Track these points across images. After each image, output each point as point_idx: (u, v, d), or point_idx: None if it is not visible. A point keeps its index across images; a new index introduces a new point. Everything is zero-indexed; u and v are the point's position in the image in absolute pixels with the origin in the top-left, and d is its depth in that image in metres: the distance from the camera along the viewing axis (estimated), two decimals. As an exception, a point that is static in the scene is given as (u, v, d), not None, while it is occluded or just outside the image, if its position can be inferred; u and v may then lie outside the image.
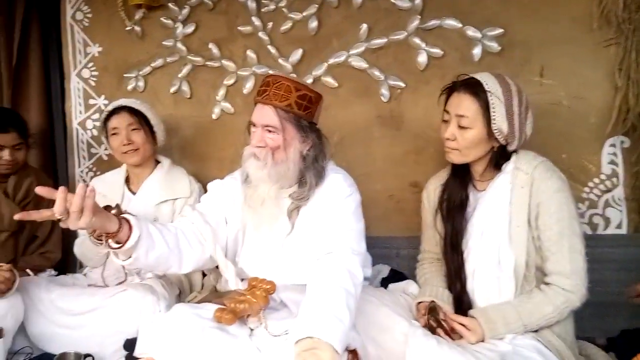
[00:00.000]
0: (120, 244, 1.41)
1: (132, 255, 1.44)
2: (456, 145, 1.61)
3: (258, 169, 1.58)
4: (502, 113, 1.55)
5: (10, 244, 2.23)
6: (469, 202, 1.70)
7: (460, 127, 1.59)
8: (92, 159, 2.62)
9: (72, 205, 1.24)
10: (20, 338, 1.82)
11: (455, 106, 1.60)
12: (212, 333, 1.49)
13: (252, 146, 1.61)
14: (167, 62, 2.47)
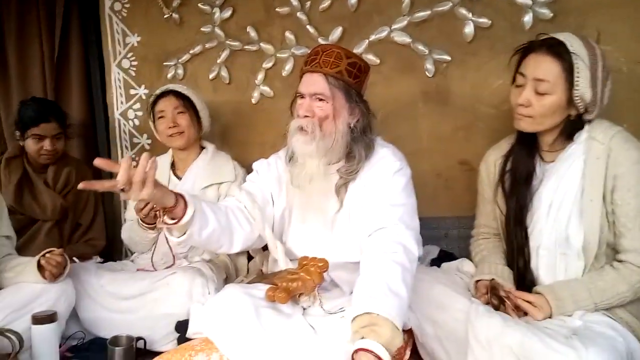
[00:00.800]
0: (175, 220, 1.39)
1: (187, 231, 1.42)
2: (530, 112, 1.50)
3: (306, 144, 1.53)
4: (586, 78, 1.43)
5: (55, 233, 2.27)
6: (536, 174, 1.60)
7: (538, 92, 1.47)
8: (135, 148, 2.63)
9: (136, 175, 1.21)
10: (72, 323, 1.84)
11: (534, 68, 1.48)
12: (265, 312, 1.45)
13: (299, 117, 1.56)
14: (206, 48, 2.46)
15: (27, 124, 2.19)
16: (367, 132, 1.61)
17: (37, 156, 2.21)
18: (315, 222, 1.64)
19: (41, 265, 1.68)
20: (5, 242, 1.82)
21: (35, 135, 2.19)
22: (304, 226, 1.67)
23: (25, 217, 2.21)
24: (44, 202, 2.23)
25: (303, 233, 1.69)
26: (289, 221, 1.73)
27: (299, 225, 1.69)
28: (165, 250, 2.01)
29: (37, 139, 2.19)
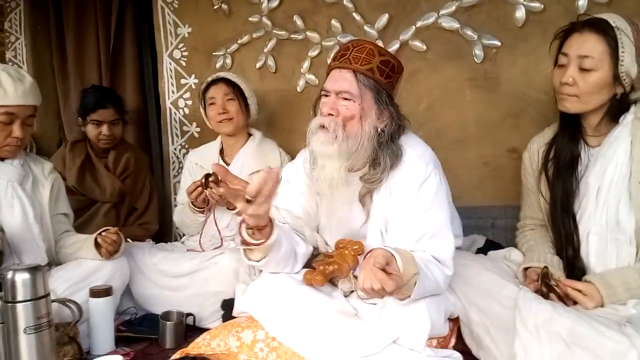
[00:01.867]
0: (261, 241, 1.36)
1: (268, 254, 1.40)
2: (575, 91, 1.46)
3: (326, 144, 1.40)
4: (631, 54, 1.38)
5: (113, 215, 2.38)
6: (581, 159, 1.55)
7: (582, 69, 1.43)
8: (184, 136, 2.72)
9: (265, 189, 1.19)
10: (126, 299, 1.94)
11: (577, 46, 1.44)
12: (306, 293, 1.48)
13: (321, 115, 1.45)
14: (253, 37, 2.50)
15: (87, 110, 2.32)
16: (395, 138, 1.47)
17: (97, 141, 2.34)
18: (341, 233, 1.56)
19: (98, 243, 1.78)
20: (63, 220, 1.93)
21: (94, 121, 2.31)
22: (332, 239, 1.59)
23: (86, 198, 2.33)
24: (104, 184, 2.35)
25: (331, 243, 1.60)
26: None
27: (328, 236, 1.62)
28: (213, 232, 2.08)
29: (96, 124, 2.31)
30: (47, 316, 1.27)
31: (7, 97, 1.62)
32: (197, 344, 1.48)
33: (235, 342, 1.42)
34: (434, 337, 1.37)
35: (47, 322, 1.27)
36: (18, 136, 1.66)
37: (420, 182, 1.43)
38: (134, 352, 1.62)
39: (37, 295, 1.25)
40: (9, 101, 1.62)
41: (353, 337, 1.32)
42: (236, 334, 1.44)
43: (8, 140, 1.66)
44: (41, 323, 1.26)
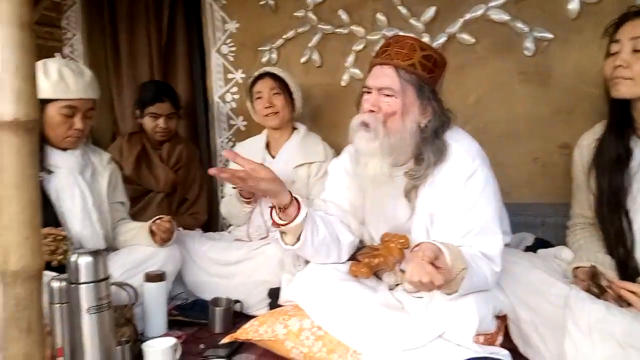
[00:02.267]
0: (287, 221, 1.46)
1: (301, 236, 1.46)
2: (629, 74, 1.41)
3: (368, 141, 1.41)
4: None
5: (165, 205, 2.48)
6: (633, 155, 1.49)
7: (636, 50, 1.39)
8: (231, 130, 2.79)
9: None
10: (177, 285, 2.01)
11: (630, 30, 1.41)
12: (351, 285, 1.51)
13: (362, 112, 1.46)
14: (298, 32, 2.53)
15: (145, 103, 2.42)
16: (440, 134, 1.46)
17: (153, 133, 2.43)
18: (387, 229, 1.57)
19: (152, 231, 1.86)
20: (119, 208, 2.03)
21: (152, 114, 2.40)
22: (377, 233, 1.61)
23: (141, 187, 2.43)
24: (158, 175, 2.45)
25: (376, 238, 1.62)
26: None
27: (374, 230, 1.63)
28: (259, 223, 2.13)
29: (153, 117, 2.41)
30: (107, 298, 1.35)
31: (69, 91, 1.71)
32: (246, 329, 1.53)
33: (282, 329, 1.47)
34: (481, 334, 1.36)
35: (107, 303, 1.35)
36: (79, 128, 1.76)
37: (466, 177, 1.42)
38: (185, 335, 1.69)
39: (99, 278, 1.33)
40: (71, 95, 1.71)
41: (398, 329, 1.34)
42: (283, 322, 1.48)
43: (70, 132, 1.76)
44: (102, 304, 1.33)
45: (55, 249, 1.59)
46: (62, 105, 1.70)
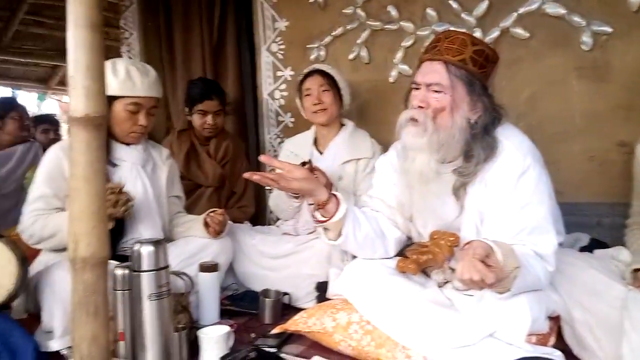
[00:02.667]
0: (327, 217, 1.48)
1: (342, 231, 1.48)
2: None
3: (416, 137, 1.40)
4: None
5: (214, 198, 2.56)
6: None
7: None
8: (279, 126, 2.84)
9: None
10: (228, 276, 2.08)
11: None
12: (400, 280, 1.51)
13: (411, 107, 1.45)
14: (347, 29, 2.55)
15: (194, 101, 2.50)
16: (490, 130, 1.43)
17: (202, 130, 2.52)
18: (435, 227, 1.55)
19: (206, 223, 1.93)
20: (176, 201, 2.12)
21: (200, 111, 2.49)
22: (425, 230, 1.60)
23: (191, 182, 2.53)
24: (207, 170, 2.54)
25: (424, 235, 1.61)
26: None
27: (422, 227, 1.62)
28: (307, 218, 2.16)
29: (202, 114, 2.49)
30: (166, 285, 1.42)
31: (136, 89, 1.80)
32: (295, 321, 1.57)
33: (331, 322, 1.50)
34: (533, 334, 1.33)
35: (167, 291, 1.42)
36: (143, 124, 1.85)
37: (518, 174, 1.39)
38: (236, 324, 1.75)
39: (159, 266, 1.40)
40: (137, 92, 1.80)
41: (448, 326, 1.34)
42: (331, 315, 1.51)
43: (134, 127, 1.85)
44: (162, 291, 1.41)
45: (116, 201, 1.65)
46: (128, 102, 1.79)
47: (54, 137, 3.52)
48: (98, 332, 1.23)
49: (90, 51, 1.17)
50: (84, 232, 1.19)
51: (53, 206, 1.76)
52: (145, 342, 1.39)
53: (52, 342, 1.51)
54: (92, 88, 1.18)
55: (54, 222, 1.70)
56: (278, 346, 1.56)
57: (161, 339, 1.41)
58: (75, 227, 1.20)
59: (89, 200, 1.19)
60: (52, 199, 1.75)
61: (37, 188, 1.77)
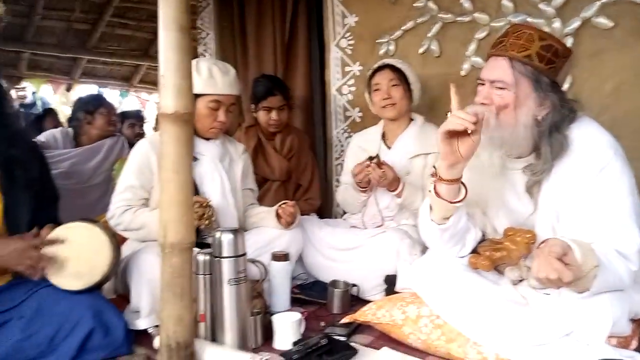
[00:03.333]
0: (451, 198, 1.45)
1: (453, 216, 1.45)
2: None
3: None
4: None
5: (281, 192, 2.64)
6: None
7: None
8: (347, 121, 2.87)
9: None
10: (298, 266, 2.15)
11: None
12: (472, 276, 1.50)
13: (474, 103, 1.44)
14: (417, 23, 2.52)
15: (258, 98, 2.58)
16: (561, 127, 1.39)
17: (267, 125, 2.60)
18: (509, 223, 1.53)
19: (278, 214, 2.01)
20: (249, 194, 2.22)
21: (265, 108, 2.57)
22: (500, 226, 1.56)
23: (259, 176, 2.61)
24: (273, 164, 2.62)
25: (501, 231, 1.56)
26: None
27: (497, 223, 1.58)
28: (374, 212, 2.19)
29: (266, 110, 2.57)
30: (244, 272, 1.51)
31: (217, 87, 1.90)
32: (364, 312, 1.60)
33: (400, 315, 1.52)
34: (614, 336, 1.29)
35: (244, 277, 1.51)
36: (222, 120, 1.95)
37: (597, 170, 1.35)
38: (306, 312, 1.81)
39: (238, 253, 1.49)
40: (218, 90, 1.91)
41: (523, 324, 1.32)
42: (401, 308, 1.53)
43: (214, 123, 1.96)
44: (240, 277, 1.49)
45: (202, 215, 1.79)
46: (210, 100, 1.90)
47: (139, 132, 3.78)
48: (183, 313, 1.33)
49: (180, 52, 1.26)
50: (172, 219, 1.29)
51: (139, 197, 1.90)
52: (225, 324, 1.49)
53: (139, 321, 1.64)
54: (181, 86, 1.27)
55: (141, 218, 1.84)
56: (347, 335, 1.60)
57: (239, 322, 1.49)
58: (165, 215, 1.30)
59: (177, 190, 1.29)
60: (139, 190, 1.90)
61: (126, 179, 1.92)
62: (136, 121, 3.85)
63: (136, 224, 1.84)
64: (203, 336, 1.55)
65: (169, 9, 1.27)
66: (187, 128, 1.30)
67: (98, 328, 1.45)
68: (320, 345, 1.45)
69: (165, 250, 1.31)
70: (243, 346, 1.50)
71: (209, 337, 1.54)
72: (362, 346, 1.54)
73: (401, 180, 2.09)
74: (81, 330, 1.43)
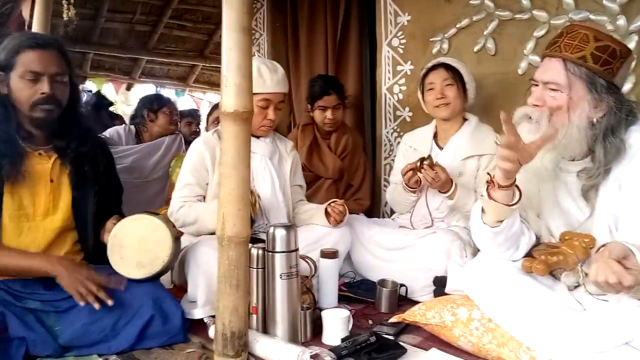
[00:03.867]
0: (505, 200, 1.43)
1: (508, 219, 1.44)
2: None
3: (529, 133, 1.38)
4: None
5: (333, 190, 2.68)
6: None
7: None
8: (397, 120, 2.86)
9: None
10: (346, 264, 2.17)
11: None
12: (526, 280, 1.46)
13: (527, 104, 1.43)
14: (473, 21, 2.48)
15: (314, 97, 2.63)
16: (617, 130, 1.35)
17: (323, 124, 2.64)
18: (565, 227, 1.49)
19: (327, 212, 2.04)
20: (298, 190, 2.26)
21: (320, 107, 2.61)
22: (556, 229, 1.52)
23: (312, 174, 2.67)
24: (327, 163, 2.66)
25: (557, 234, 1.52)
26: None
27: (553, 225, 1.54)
28: (424, 212, 2.18)
29: (322, 109, 2.61)
30: (295, 267, 1.54)
31: (266, 86, 1.95)
32: (413, 312, 1.60)
33: (450, 316, 1.50)
34: (677, 346, 1.22)
35: (296, 272, 1.54)
36: (271, 118, 2.00)
37: None
38: (354, 310, 1.83)
39: (290, 249, 1.53)
40: (267, 89, 1.96)
41: (579, 331, 1.28)
42: (451, 309, 1.52)
43: (264, 121, 2.01)
44: (291, 272, 1.53)
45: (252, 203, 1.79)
46: (259, 99, 1.95)
47: (195, 130, 3.91)
48: (238, 303, 1.38)
49: (241, 52, 1.31)
50: (230, 213, 1.35)
51: (195, 193, 1.98)
52: (276, 316, 1.53)
53: (195, 310, 1.71)
54: (242, 86, 1.32)
55: (195, 211, 1.91)
56: (395, 334, 1.61)
57: (289, 316, 1.53)
58: (223, 208, 1.36)
59: (236, 185, 1.35)
60: (195, 187, 1.98)
61: (183, 177, 2.00)
62: (192, 119, 3.99)
63: (191, 218, 1.91)
64: (255, 327, 1.59)
65: (232, 11, 1.32)
66: (246, 126, 1.35)
67: (157, 316, 1.52)
68: (369, 343, 1.47)
69: (223, 243, 1.37)
70: (293, 339, 1.54)
71: (260, 329, 1.59)
72: (410, 346, 1.54)
73: (453, 182, 2.07)
74: (142, 317, 1.51)
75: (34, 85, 1.56)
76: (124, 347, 1.48)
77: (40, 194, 1.61)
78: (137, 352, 1.50)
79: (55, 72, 1.59)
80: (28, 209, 1.59)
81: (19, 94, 1.57)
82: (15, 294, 1.51)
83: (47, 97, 1.57)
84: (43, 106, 1.58)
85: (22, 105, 1.58)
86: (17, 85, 1.56)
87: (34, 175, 1.60)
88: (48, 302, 1.52)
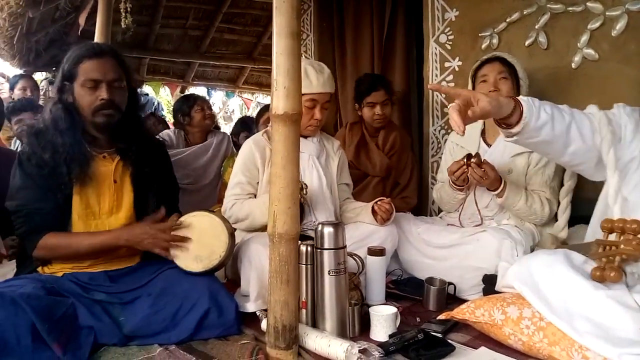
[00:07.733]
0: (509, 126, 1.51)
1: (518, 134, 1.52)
2: None
3: None
4: None
5: (380, 188, 2.69)
6: None
7: None
8: (444, 118, 2.84)
9: None
10: (393, 262, 2.19)
11: None
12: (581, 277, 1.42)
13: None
14: (524, 14, 2.43)
15: (362, 94, 2.65)
16: None
17: (372, 121, 2.66)
18: None
19: (374, 210, 2.06)
20: (345, 189, 2.29)
21: (369, 103, 2.63)
22: None
23: (360, 172, 2.70)
24: (375, 160, 2.68)
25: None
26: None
27: None
28: (472, 211, 2.16)
29: (370, 106, 2.63)
30: (343, 264, 1.58)
31: (312, 86, 2.00)
32: (462, 310, 1.60)
33: (500, 315, 1.49)
34: None
35: (344, 268, 1.58)
36: (318, 118, 2.05)
37: None
38: (401, 307, 1.84)
39: (338, 246, 1.57)
40: (314, 89, 2.00)
41: (637, 330, 1.24)
42: (501, 308, 1.51)
43: (311, 121, 2.06)
44: (340, 268, 1.57)
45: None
46: (306, 99, 2.00)
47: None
48: (289, 298, 1.44)
49: (290, 56, 1.36)
50: (281, 211, 1.41)
51: (247, 191, 2.06)
52: (325, 312, 1.57)
53: (248, 304, 1.78)
54: (291, 88, 1.37)
55: (247, 206, 1.99)
56: (443, 332, 1.61)
57: (338, 311, 1.57)
58: (274, 207, 1.42)
59: (285, 184, 1.40)
60: (247, 186, 2.05)
61: (235, 176, 2.08)
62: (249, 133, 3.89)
63: (243, 214, 1.99)
64: (304, 322, 1.64)
65: (282, 17, 1.37)
66: (295, 127, 1.40)
67: (213, 308, 1.60)
68: (417, 339, 1.48)
69: (274, 240, 1.43)
70: (342, 334, 1.57)
71: (309, 324, 1.64)
72: (459, 344, 1.54)
73: (502, 180, 2.03)
74: (199, 309, 1.59)
75: (94, 92, 1.68)
76: (183, 337, 1.56)
77: (105, 194, 1.73)
78: (194, 342, 1.58)
79: (113, 79, 1.70)
80: (94, 208, 1.71)
81: (82, 101, 1.69)
82: (84, 286, 1.62)
83: (106, 102, 1.68)
84: (103, 111, 1.69)
85: (85, 112, 1.70)
86: (79, 93, 1.69)
87: (99, 176, 1.72)
88: (113, 294, 1.63)
